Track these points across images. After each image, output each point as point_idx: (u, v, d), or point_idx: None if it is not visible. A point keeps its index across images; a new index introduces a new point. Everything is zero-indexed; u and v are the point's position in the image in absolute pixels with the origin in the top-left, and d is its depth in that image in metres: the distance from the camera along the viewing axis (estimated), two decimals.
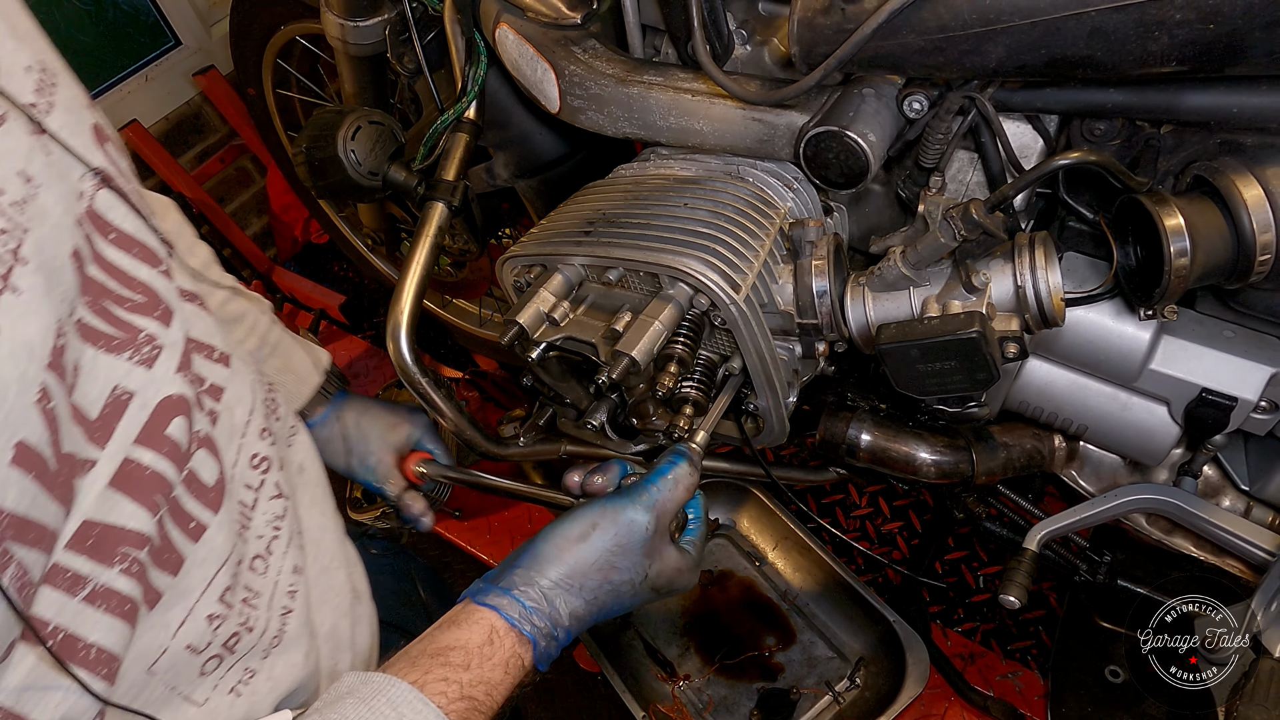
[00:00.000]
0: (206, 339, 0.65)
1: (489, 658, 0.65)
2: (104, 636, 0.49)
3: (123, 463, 0.51)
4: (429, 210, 1.23)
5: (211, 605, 0.60)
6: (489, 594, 0.69)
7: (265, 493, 0.70)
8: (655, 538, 0.75)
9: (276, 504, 0.71)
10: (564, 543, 0.72)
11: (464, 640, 0.65)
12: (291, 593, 0.71)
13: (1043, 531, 1.15)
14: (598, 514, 0.74)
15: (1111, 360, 0.98)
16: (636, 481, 0.78)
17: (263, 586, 0.68)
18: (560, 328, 0.97)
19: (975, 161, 0.97)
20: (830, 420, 1.22)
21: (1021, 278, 0.86)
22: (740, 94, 0.94)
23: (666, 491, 0.77)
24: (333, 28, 1.38)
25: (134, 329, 0.54)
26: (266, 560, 0.69)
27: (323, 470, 0.87)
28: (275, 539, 0.70)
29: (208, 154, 2.73)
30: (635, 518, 0.74)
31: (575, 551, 0.72)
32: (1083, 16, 0.71)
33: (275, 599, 0.69)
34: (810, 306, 0.94)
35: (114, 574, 0.50)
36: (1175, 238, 0.77)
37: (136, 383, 0.53)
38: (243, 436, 0.68)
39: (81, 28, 2.40)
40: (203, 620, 0.59)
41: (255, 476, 0.69)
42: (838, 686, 1.66)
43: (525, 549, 0.73)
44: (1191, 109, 0.79)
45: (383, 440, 1.14)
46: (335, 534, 0.85)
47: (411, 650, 0.65)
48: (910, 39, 0.79)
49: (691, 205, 0.97)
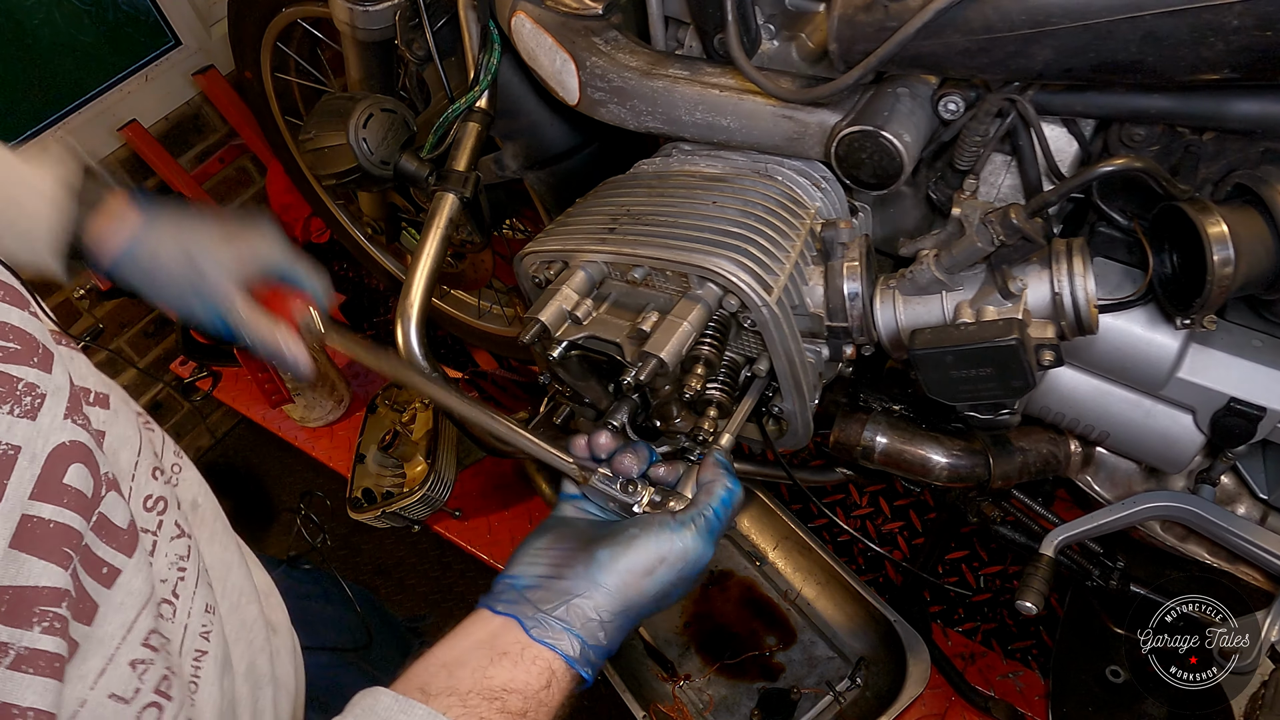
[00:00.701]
0: (80, 382, 0.62)
1: (545, 703, 0.61)
2: (38, 699, 0.47)
3: (20, 521, 0.49)
4: (439, 201, 1.20)
5: (135, 650, 0.57)
6: (548, 628, 0.64)
7: (165, 533, 0.67)
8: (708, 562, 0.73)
9: (179, 544, 0.69)
10: (630, 577, 0.68)
11: (522, 683, 0.61)
12: (205, 634, 0.68)
13: (1060, 537, 1.14)
14: (665, 547, 0.69)
15: (1139, 367, 0.97)
16: (697, 510, 0.72)
17: (173, 632, 0.65)
18: (583, 326, 0.94)
19: (1009, 164, 0.95)
20: (845, 422, 1.20)
21: (1059, 284, 0.85)
22: (774, 90, 0.92)
23: (726, 520, 0.74)
24: (341, 12, 1.34)
25: (11, 379, 0.51)
26: (174, 604, 0.66)
27: (216, 503, 0.83)
28: (181, 581, 0.68)
29: (207, 154, 2.70)
30: (703, 554, 0.70)
31: (639, 586, 0.68)
32: (1136, 20, 0.70)
33: (187, 643, 0.66)
34: (841, 309, 0.93)
35: (35, 634, 0.48)
36: (1219, 246, 0.76)
37: (20, 436, 0.50)
38: (132, 480, 0.65)
39: (81, 28, 2.37)
40: (125, 667, 0.57)
41: (152, 519, 0.66)
42: (838, 686, 1.66)
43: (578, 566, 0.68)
44: (1238, 116, 0.78)
45: (217, 261, 0.91)
46: (241, 568, 0.82)
47: (460, 684, 0.60)
48: (954, 39, 0.77)
49: (720, 203, 0.95)
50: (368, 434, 2.23)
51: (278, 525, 2.62)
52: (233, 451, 2.92)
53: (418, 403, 2.24)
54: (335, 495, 2.38)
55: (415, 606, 2.31)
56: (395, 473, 2.17)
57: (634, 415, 1.04)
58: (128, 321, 2.67)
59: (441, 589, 2.33)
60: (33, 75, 2.32)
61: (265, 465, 2.78)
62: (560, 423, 1.16)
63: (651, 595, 0.68)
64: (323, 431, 2.50)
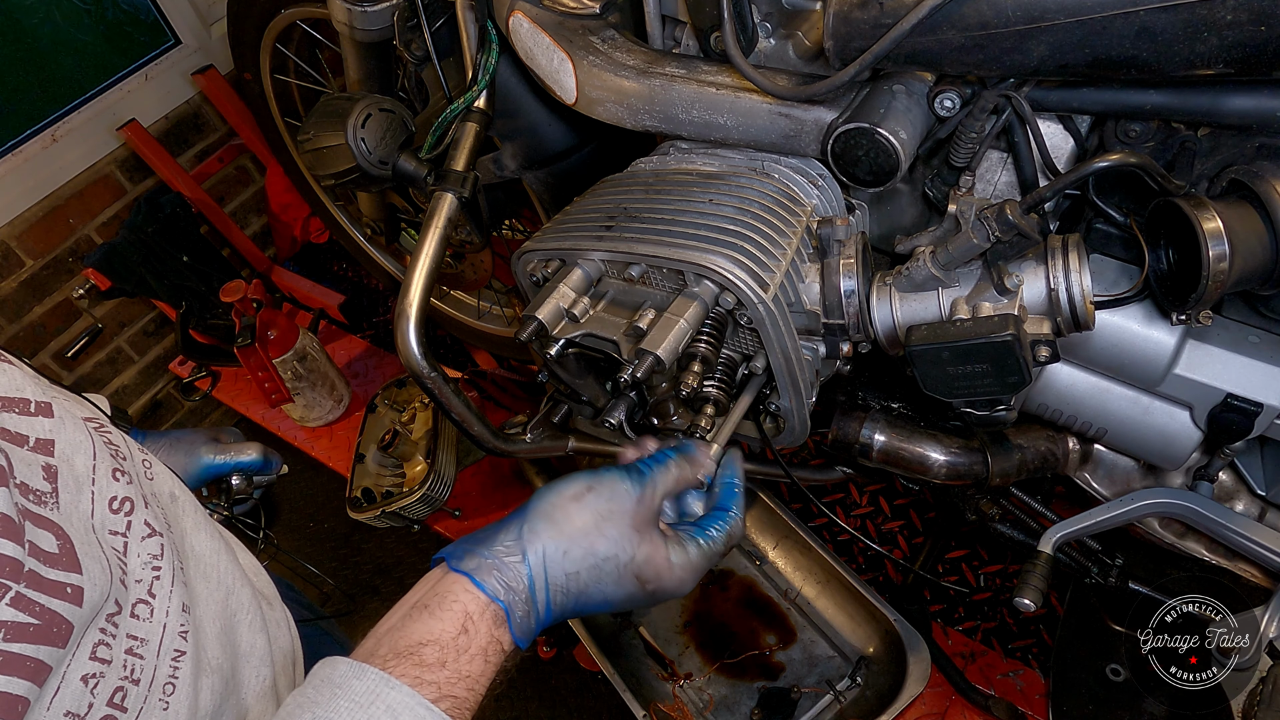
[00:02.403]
0: (16, 393, 0.61)
1: (464, 649, 0.61)
2: None
3: None
4: (438, 201, 1.20)
5: (84, 665, 0.56)
6: (465, 557, 0.66)
7: (135, 534, 0.66)
8: (643, 511, 0.72)
9: (151, 543, 0.68)
10: (559, 499, 0.69)
11: (437, 633, 0.61)
12: (183, 633, 0.68)
13: (1058, 534, 1.14)
14: (593, 478, 0.72)
15: (1136, 364, 0.97)
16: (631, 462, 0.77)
17: (149, 633, 0.64)
18: (580, 324, 0.95)
19: (1005, 161, 0.96)
20: (843, 420, 1.20)
21: (1055, 280, 0.85)
22: (770, 88, 0.92)
23: (659, 473, 0.75)
24: (339, 12, 1.34)
25: None
26: (150, 604, 0.65)
27: (192, 494, 0.83)
28: (156, 580, 0.67)
29: (207, 153, 2.71)
30: (630, 490, 0.71)
31: (568, 510, 0.69)
32: (1131, 16, 0.70)
33: (165, 643, 0.65)
34: (837, 306, 0.93)
35: None
36: (1214, 242, 0.76)
37: None
38: (93, 484, 0.64)
39: (81, 27, 2.38)
40: (77, 683, 0.56)
41: (119, 520, 0.66)
42: (839, 685, 1.66)
43: (517, 510, 0.70)
44: (1233, 112, 0.78)
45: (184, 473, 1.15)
46: (227, 553, 0.82)
47: (381, 647, 0.60)
48: (950, 35, 0.77)
49: (716, 201, 0.95)
50: (367, 433, 2.23)
51: (279, 525, 2.62)
52: None
53: (417, 402, 2.24)
54: (335, 495, 2.38)
55: None
56: (395, 472, 2.18)
57: (631, 413, 1.04)
58: (127, 320, 2.68)
59: None
60: (32, 74, 2.33)
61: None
62: (559, 421, 1.16)
63: (581, 524, 0.68)
64: (322, 431, 2.50)
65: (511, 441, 1.24)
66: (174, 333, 2.58)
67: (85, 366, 2.61)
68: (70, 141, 2.38)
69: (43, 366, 2.50)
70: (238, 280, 2.22)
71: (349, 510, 2.07)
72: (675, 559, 0.72)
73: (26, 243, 2.37)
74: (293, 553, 1.59)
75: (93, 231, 2.50)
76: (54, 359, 2.52)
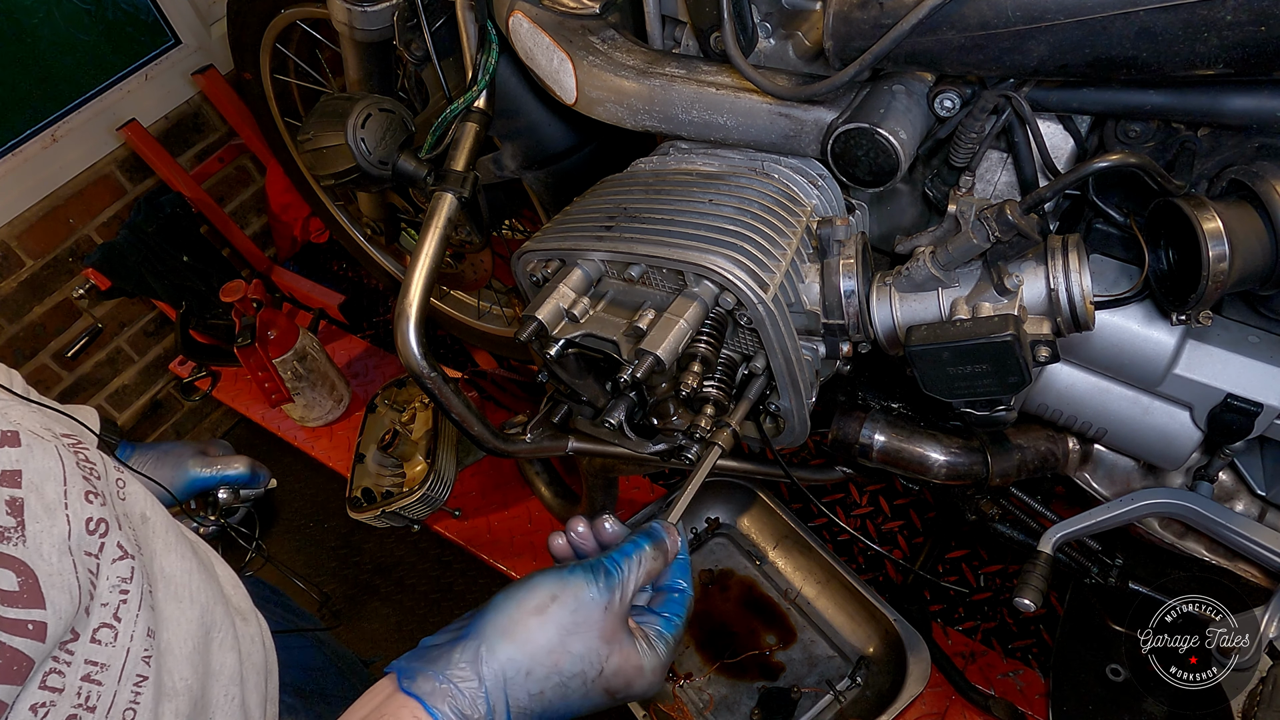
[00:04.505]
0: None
1: None
2: None
3: None
4: (438, 201, 1.20)
5: (32, 695, 0.56)
6: (418, 678, 0.60)
7: (107, 556, 0.65)
8: (611, 619, 0.66)
9: (121, 566, 0.67)
10: (519, 614, 0.63)
11: None
12: (146, 658, 0.66)
13: (1058, 534, 1.14)
14: (557, 585, 0.65)
15: (1135, 364, 0.97)
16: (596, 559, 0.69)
17: (111, 658, 0.63)
18: (580, 324, 0.95)
19: (1005, 161, 0.96)
20: (843, 420, 1.20)
21: (1055, 280, 0.85)
22: (769, 89, 0.92)
23: (629, 571, 0.68)
24: (339, 12, 1.34)
25: None
26: (115, 628, 0.64)
27: (165, 512, 0.82)
28: (123, 603, 0.65)
29: (207, 153, 2.71)
30: (597, 599, 0.65)
31: (529, 626, 0.63)
32: (1130, 16, 0.70)
33: (128, 668, 0.64)
34: (837, 306, 0.93)
35: None
36: (1214, 242, 0.76)
37: None
38: (66, 509, 0.63)
39: (81, 27, 2.38)
40: (26, 713, 0.55)
41: (94, 542, 0.64)
42: (839, 685, 1.66)
43: (473, 619, 0.64)
44: (1233, 112, 0.78)
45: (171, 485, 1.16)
46: (201, 571, 0.81)
47: None
48: (950, 35, 0.77)
49: (716, 201, 0.95)
50: (367, 433, 2.23)
51: (278, 525, 2.63)
52: None
53: (417, 402, 2.24)
54: (335, 495, 2.38)
55: (415, 605, 2.31)
56: (395, 472, 2.18)
57: (631, 413, 1.04)
58: (127, 320, 2.68)
59: (441, 588, 2.33)
60: (32, 74, 2.33)
61: (265, 465, 2.78)
62: (559, 421, 1.16)
63: (545, 642, 0.62)
64: (322, 431, 2.50)
65: (511, 441, 1.25)
66: (174, 333, 2.58)
67: (85, 366, 2.61)
68: (70, 141, 2.38)
69: (43, 366, 2.50)
70: (238, 280, 2.22)
71: (349, 510, 2.08)
72: (647, 663, 0.67)
73: (26, 243, 2.37)
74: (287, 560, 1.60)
75: (93, 231, 2.50)
76: (54, 359, 2.52)
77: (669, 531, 0.74)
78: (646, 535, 0.72)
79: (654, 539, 0.72)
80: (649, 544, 0.71)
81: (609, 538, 0.74)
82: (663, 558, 0.72)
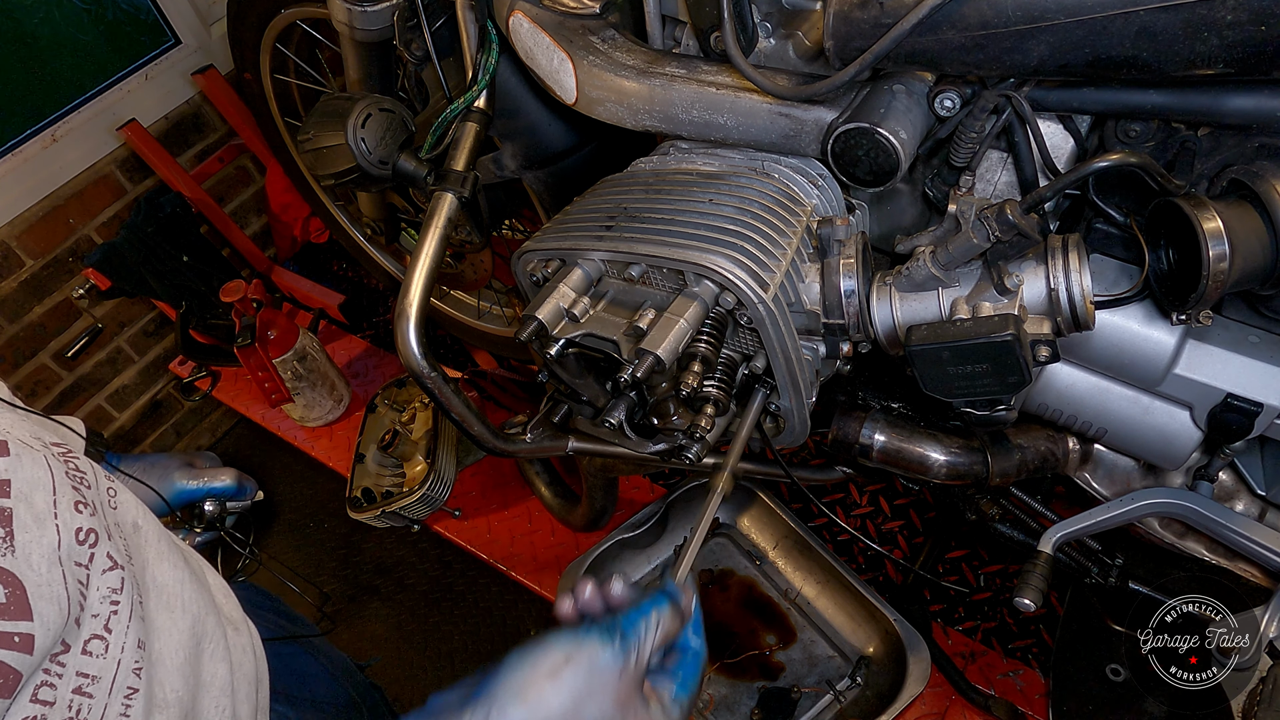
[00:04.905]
0: None
1: None
2: None
3: None
4: (438, 201, 1.20)
5: (24, 709, 0.55)
6: None
7: (97, 566, 0.65)
8: (626, 684, 0.64)
9: (111, 576, 0.66)
10: (533, 675, 0.62)
11: None
12: (137, 670, 0.65)
13: (1058, 534, 1.14)
14: (572, 647, 0.64)
15: (1135, 364, 0.97)
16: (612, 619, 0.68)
17: (101, 669, 0.62)
18: (580, 324, 0.95)
19: (1005, 161, 0.96)
20: (843, 420, 1.20)
21: (1055, 280, 0.85)
22: (770, 88, 0.92)
23: (645, 634, 0.67)
24: (339, 12, 1.34)
25: None
26: (106, 640, 0.63)
27: (157, 521, 0.81)
28: (114, 615, 0.65)
29: (207, 153, 2.71)
30: (613, 662, 0.64)
31: (543, 689, 0.62)
32: (1130, 16, 0.70)
33: (119, 680, 0.63)
34: (837, 306, 0.93)
35: None
36: (1214, 242, 0.76)
37: None
38: (55, 518, 0.62)
39: (81, 27, 2.38)
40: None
41: (84, 552, 0.64)
42: (839, 685, 1.66)
43: (486, 680, 0.64)
44: (1233, 111, 0.78)
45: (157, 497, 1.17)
46: (193, 581, 0.80)
47: None
48: (950, 35, 0.77)
49: (716, 201, 0.95)
50: (367, 433, 2.23)
51: (278, 525, 2.63)
52: (232, 451, 2.93)
53: (417, 402, 2.24)
54: (335, 495, 2.38)
55: (415, 605, 2.31)
56: (395, 472, 2.18)
57: (631, 413, 1.04)
58: (127, 320, 2.68)
59: (441, 588, 2.33)
60: (32, 74, 2.33)
61: (265, 465, 2.79)
62: (559, 421, 1.16)
63: (559, 706, 0.62)
64: (322, 431, 2.50)
65: (511, 441, 1.25)
66: (174, 333, 2.58)
67: (85, 367, 2.61)
68: (70, 141, 2.38)
69: (42, 367, 2.50)
70: (238, 280, 2.22)
71: (349, 510, 2.08)
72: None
73: (26, 243, 2.37)
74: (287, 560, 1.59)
75: (93, 231, 2.50)
76: (54, 359, 2.52)
77: (684, 592, 0.72)
78: (664, 595, 0.70)
79: (671, 598, 0.70)
80: (667, 603, 0.69)
81: (617, 601, 0.72)
82: (679, 619, 0.70)
